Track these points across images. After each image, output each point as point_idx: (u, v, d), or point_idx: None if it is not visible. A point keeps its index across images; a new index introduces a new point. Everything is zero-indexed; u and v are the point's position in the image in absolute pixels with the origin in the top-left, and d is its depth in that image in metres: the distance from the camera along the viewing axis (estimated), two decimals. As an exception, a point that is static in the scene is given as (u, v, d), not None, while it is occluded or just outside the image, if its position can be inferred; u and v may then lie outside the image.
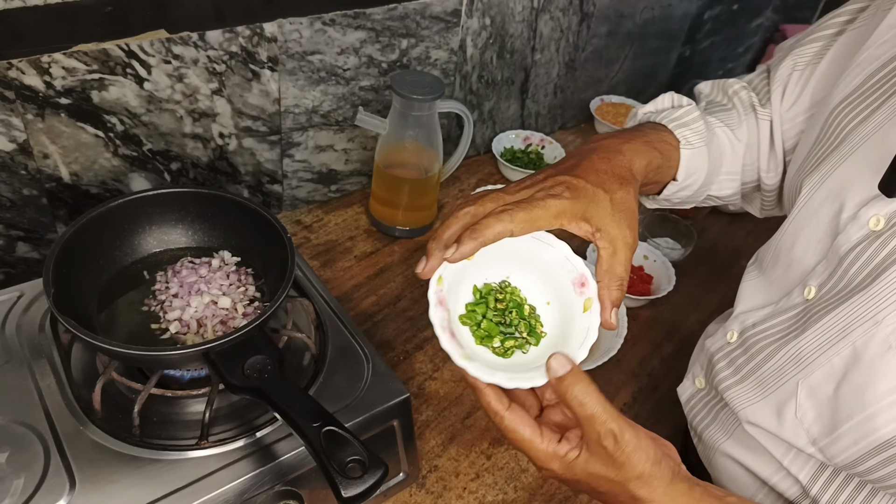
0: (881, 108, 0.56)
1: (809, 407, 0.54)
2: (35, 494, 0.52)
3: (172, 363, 0.60)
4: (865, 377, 0.50)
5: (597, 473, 0.46)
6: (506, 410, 0.47)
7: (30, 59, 0.66)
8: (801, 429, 0.55)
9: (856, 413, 0.51)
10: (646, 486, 0.46)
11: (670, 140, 0.65)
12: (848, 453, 0.52)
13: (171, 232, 0.72)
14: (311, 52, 0.86)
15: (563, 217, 0.51)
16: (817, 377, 0.54)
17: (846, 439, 0.52)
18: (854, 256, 0.53)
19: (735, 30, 1.49)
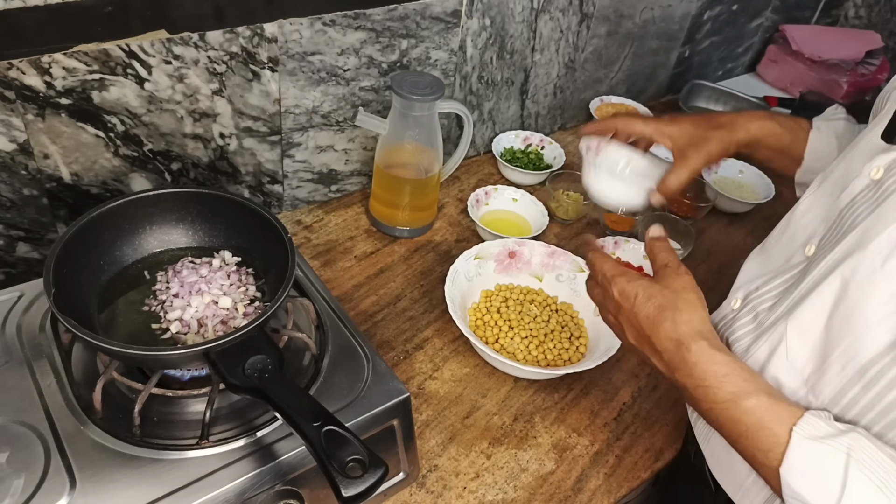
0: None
1: (801, 347, 0.56)
2: (35, 494, 0.52)
3: (173, 363, 0.61)
4: (853, 302, 0.51)
5: (658, 286, 0.58)
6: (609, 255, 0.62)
7: (30, 60, 0.67)
8: (795, 370, 0.56)
9: (844, 338, 0.52)
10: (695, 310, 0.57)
11: (803, 123, 0.77)
12: (834, 384, 0.53)
13: (172, 232, 0.72)
14: (311, 53, 0.86)
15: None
16: (807, 315, 0.55)
17: (834, 367, 0.53)
18: (853, 206, 0.55)
19: (735, 30, 1.49)
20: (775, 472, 0.49)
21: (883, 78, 1.54)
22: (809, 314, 0.55)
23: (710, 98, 1.43)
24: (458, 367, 0.83)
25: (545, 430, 0.77)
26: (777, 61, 1.59)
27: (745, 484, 0.61)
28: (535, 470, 0.73)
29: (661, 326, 0.55)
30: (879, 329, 0.50)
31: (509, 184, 1.12)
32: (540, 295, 0.90)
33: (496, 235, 0.96)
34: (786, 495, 0.49)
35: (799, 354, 0.56)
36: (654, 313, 0.56)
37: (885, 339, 0.49)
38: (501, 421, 0.78)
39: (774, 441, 0.49)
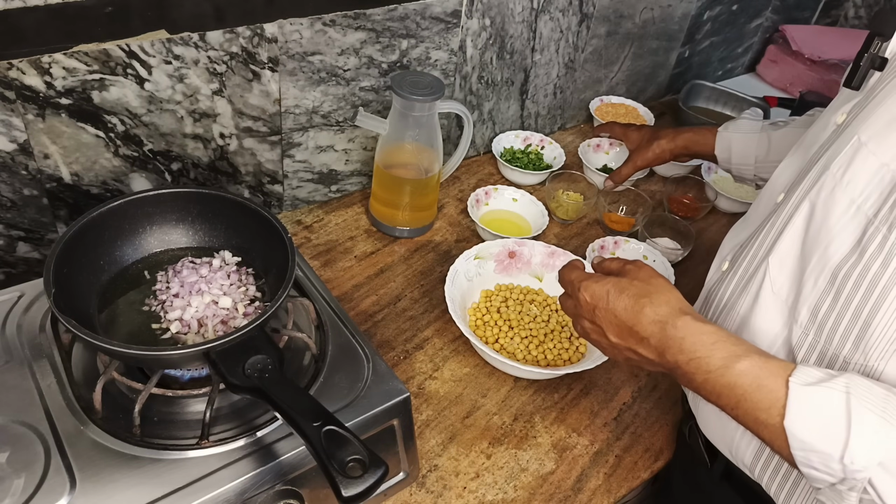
0: None
1: (783, 277, 0.57)
2: (35, 494, 0.52)
3: (173, 363, 0.61)
4: (820, 220, 0.53)
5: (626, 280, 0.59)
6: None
7: (30, 60, 0.67)
8: (780, 301, 0.57)
9: (814, 253, 0.53)
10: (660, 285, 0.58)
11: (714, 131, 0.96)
12: (809, 300, 0.54)
13: (172, 232, 0.72)
14: (311, 53, 0.86)
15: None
16: (784, 244, 0.57)
17: (808, 284, 0.54)
18: (819, 151, 0.57)
19: (734, 30, 1.49)
20: (779, 429, 0.48)
21: (883, 78, 1.54)
22: (787, 243, 0.57)
23: (709, 98, 1.43)
24: (458, 367, 0.83)
25: (545, 430, 0.77)
26: (777, 61, 1.59)
27: (736, 438, 0.62)
28: (534, 470, 0.73)
29: (643, 312, 0.56)
30: (842, 236, 0.51)
31: (509, 184, 1.12)
32: (540, 295, 0.90)
33: (496, 235, 0.96)
34: (794, 448, 0.48)
35: (782, 285, 0.57)
36: (631, 303, 0.57)
37: (848, 243, 0.51)
38: (501, 421, 0.78)
39: (773, 397, 0.49)
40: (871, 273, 0.49)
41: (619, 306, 0.57)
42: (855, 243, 0.50)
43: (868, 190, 0.50)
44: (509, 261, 0.91)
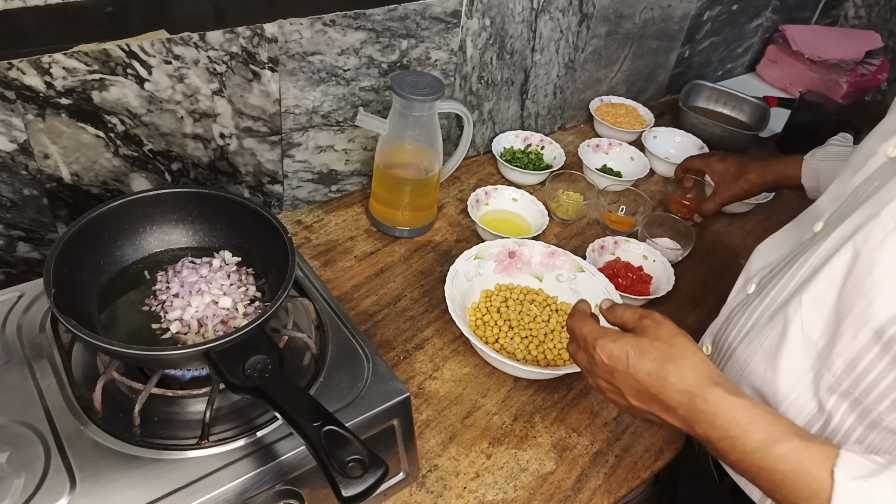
0: None
1: (816, 318, 0.55)
2: (35, 494, 0.52)
3: (173, 363, 0.61)
4: (864, 269, 0.51)
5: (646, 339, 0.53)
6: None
7: (30, 60, 0.67)
8: (810, 344, 0.55)
9: (856, 305, 0.51)
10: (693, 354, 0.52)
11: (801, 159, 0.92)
12: (847, 353, 0.52)
13: (172, 232, 0.72)
14: (311, 53, 0.86)
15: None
16: (820, 285, 0.54)
17: (846, 336, 0.52)
18: (868, 183, 0.55)
19: (734, 30, 1.49)
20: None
21: (883, 78, 1.54)
22: (823, 285, 0.54)
23: (709, 98, 1.43)
24: (458, 367, 0.83)
25: (545, 430, 0.77)
26: (777, 61, 1.59)
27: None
28: (535, 470, 0.73)
29: (668, 381, 0.51)
30: (891, 294, 0.49)
31: (509, 184, 1.12)
32: (540, 295, 0.90)
33: (496, 235, 0.96)
34: None
35: (814, 327, 0.55)
36: (654, 368, 0.52)
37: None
38: (501, 421, 0.78)
39: (817, 487, 0.46)
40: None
41: (642, 371, 0.52)
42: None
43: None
44: (509, 261, 0.91)
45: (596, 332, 0.56)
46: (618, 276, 0.94)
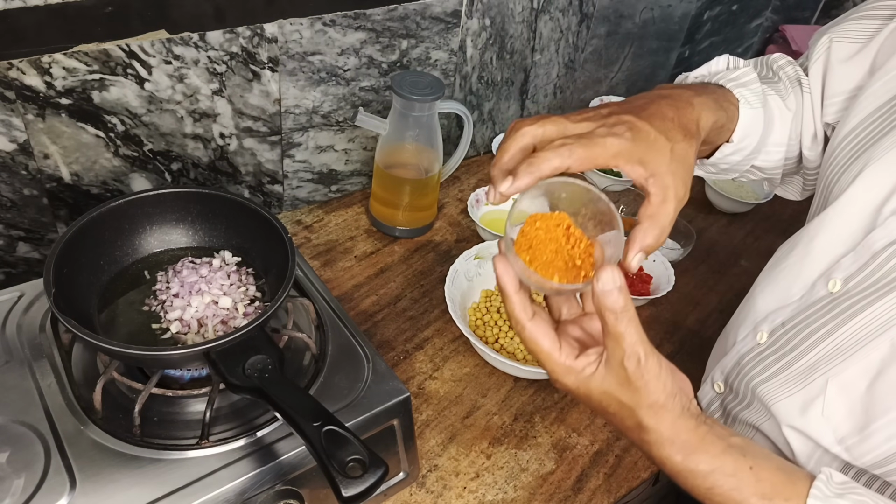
0: None
1: (840, 404, 0.53)
2: (35, 494, 0.52)
3: (173, 363, 0.61)
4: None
5: (610, 392, 0.46)
6: (528, 320, 0.47)
7: (30, 60, 0.67)
8: (828, 427, 0.54)
9: (893, 407, 0.50)
10: (655, 416, 0.46)
11: (732, 100, 0.62)
12: (878, 451, 0.51)
13: (172, 232, 0.72)
14: (311, 53, 0.86)
15: (620, 158, 0.48)
16: (851, 373, 0.52)
17: (878, 436, 0.51)
18: (892, 252, 0.52)
19: (735, 30, 1.49)
20: None
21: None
22: (853, 373, 0.53)
23: (709, 98, 1.43)
24: (458, 367, 0.83)
25: (545, 430, 0.77)
26: (777, 61, 1.59)
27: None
28: (535, 470, 0.73)
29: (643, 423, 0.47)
30: None
31: (509, 184, 1.12)
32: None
33: (496, 235, 0.96)
34: None
35: (835, 412, 0.54)
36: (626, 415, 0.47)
37: None
38: (501, 421, 0.78)
39: None
40: None
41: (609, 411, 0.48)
42: None
43: None
44: (509, 261, 0.91)
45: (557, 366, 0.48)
46: (618, 276, 0.94)
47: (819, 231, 0.59)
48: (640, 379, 0.45)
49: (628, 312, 0.43)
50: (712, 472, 0.46)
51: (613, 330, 0.44)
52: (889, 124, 0.56)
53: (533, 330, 0.47)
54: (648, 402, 0.45)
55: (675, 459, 0.46)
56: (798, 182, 0.76)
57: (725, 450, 0.46)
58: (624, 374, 0.45)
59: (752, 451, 0.47)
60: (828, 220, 0.58)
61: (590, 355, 0.47)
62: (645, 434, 0.47)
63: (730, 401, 0.68)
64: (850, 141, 0.60)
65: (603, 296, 0.43)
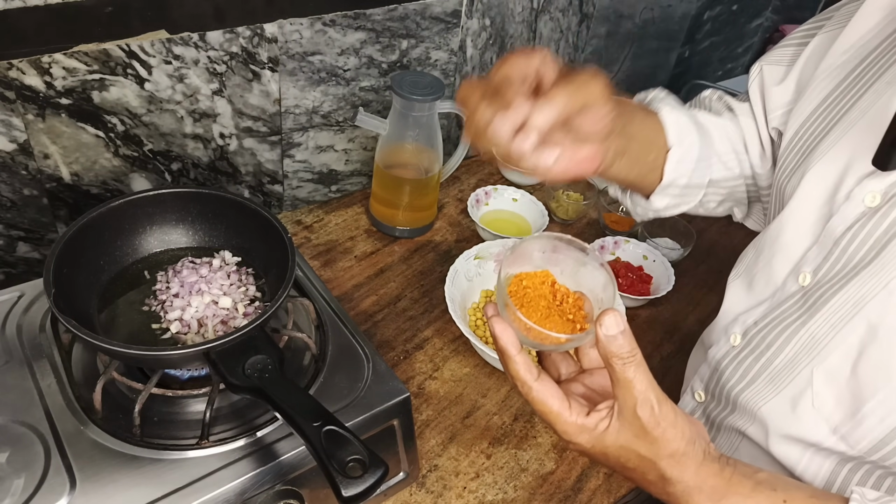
0: (863, 97, 0.57)
1: (829, 393, 0.53)
2: (35, 494, 0.52)
3: (173, 363, 0.61)
4: (886, 349, 0.49)
5: (627, 446, 0.44)
6: (535, 381, 0.46)
7: (30, 60, 0.67)
8: (821, 419, 0.54)
9: (880, 388, 0.50)
10: (678, 466, 0.44)
11: (650, 111, 0.65)
12: (873, 434, 0.51)
13: (172, 232, 0.72)
14: (311, 53, 0.86)
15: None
16: (834, 359, 0.53)
17: (871, 419, 0.51)
18: (852, 235, 0.53)
19: (735, 30, 1.49)
20: None
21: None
22: (835, 360, 0.53)
23: (709, 98, 1.43)
24: (458, 367, 0.83)
25: (545, 430, 0.77)
26: (777, 61, 1.59)
27: None
28: (535, 470, 0.73)
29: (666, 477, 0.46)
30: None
31: (509, 184, 1.12)
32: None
33: (496, 235, 0.96)
34: None
35: (826, 402, 0.54)
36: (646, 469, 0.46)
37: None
38: (501, 421, 0.78)
39: None
40: None
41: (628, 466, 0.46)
42: None
43: None
44: (509, 261, 0.91)
45: (568, 426, 0.46)
46: (618, 276, 0.94)
47: (781, 231, 0.60)
48: (656, 427, 0.43)
49: (635, 357, 0.42)
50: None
51: (622, 377, 0.42)
52: (828, 124, 0.59)
53: (541, 390, 0.46)
54: (669, 452, 0.44)
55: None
56: (761, 210, 0.78)
57: (755, 488, 0.45)
58: (639, 423, 0.43)
59: (782, 485, 0.46)
60: (787, 219, 0.60)
61: (601, 410, 0.45)
62: (670, 486, 0.45)
63: (713, 409, 0.67)
64: (794, 146, 0.62)
65: (608, 342, 0.42)
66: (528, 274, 0.48)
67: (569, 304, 0.47)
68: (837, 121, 0.59)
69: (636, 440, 0.44)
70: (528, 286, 0.47)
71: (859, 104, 0.57)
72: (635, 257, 0.99)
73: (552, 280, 0.48)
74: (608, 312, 0.42)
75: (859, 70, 0.59)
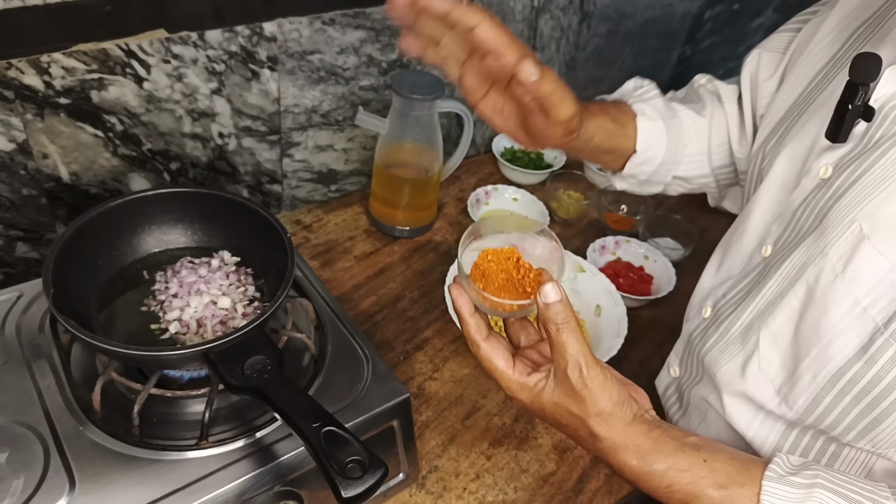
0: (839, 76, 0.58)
1: (774, 355, 0.55)
2: (35, 494, 0.52)
3: (172, 363, 0.60)
4: (819, 310, 0.51)
5: (560, 404, 0.49)
6: (483, 341, 0.51)
7: (29, 59, 0.66)
8: (766, 380, 0.56)
9: (813, 346, 0.52)
10: (604, 424, 0.49)
11: (626, 111, 0.72)
12: (807, 393, 0.53)
13: (171, 232, 0.72)
14: (310, 52, 0.86)
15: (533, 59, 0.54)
16: (778, 323, 0.55)
17: (805, 377, 0.53)
18: (804, 206, 0.55)
19: (736, 29, 1.49)
20: None
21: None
22: (780, 322, 0.55)
23: (710, 97, 1.43)
24: (458, 368, 0.83)
25: (545, 431, 0.77)
26: (778, 60, 1.59)
27: None
28: (535, 471, 0.73)
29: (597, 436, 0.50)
30: (846, 336, 0.50)
31: (509, 183, 1.12)
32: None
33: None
34: None
35: (771, 363, 0.56)
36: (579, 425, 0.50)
37: (853, 346, 0.49)
38: (502, 422, 0.77)
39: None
40: (884, 382, 0.48)
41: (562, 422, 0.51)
42: (860, 347, 0.49)
43: (875, 293, 0.48)
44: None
45: (511, 383, 0.51)
46: (619, 276, 0.94)
47: (752, 209, 0.63)
48: (584, 388, 0.48)
49: (569, 325, 0.47)
50: (668, 469, 0.49)
51: (557, 341, 0.48)
52: (805, 106, 0.62)
53: (487, 349, 0.51)
54: (596, 411, 0.48)
55: (631, 464, 0.49)
56: (739, 193, 0.80)
57: (679, 448, 0.49)
58: (569, 384, 0.48)
59: (707, 447, 0.50)
60: (759, 197, 0.62)
61: (541, 372, 0.51)
62: (599, 442, 0.50)
63: (685, 382, 0.69)
64: (775, 131, 0.65)
65: (545, 308, 0.48)
66: (495, 250, 0.53)
67: (530, 278, 0.52)
68: (813, 101, 0.61)
69: (567, 399, 0.49)
70: (492, 260, 0.52)
71: (834, 83, 0.59)
72: (636, 257, 0.99)
73: (517, 257, 0.53)
74: (548, 283, 0.48)
75: (840, 52, 0.61)
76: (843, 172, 0.52)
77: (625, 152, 0.72)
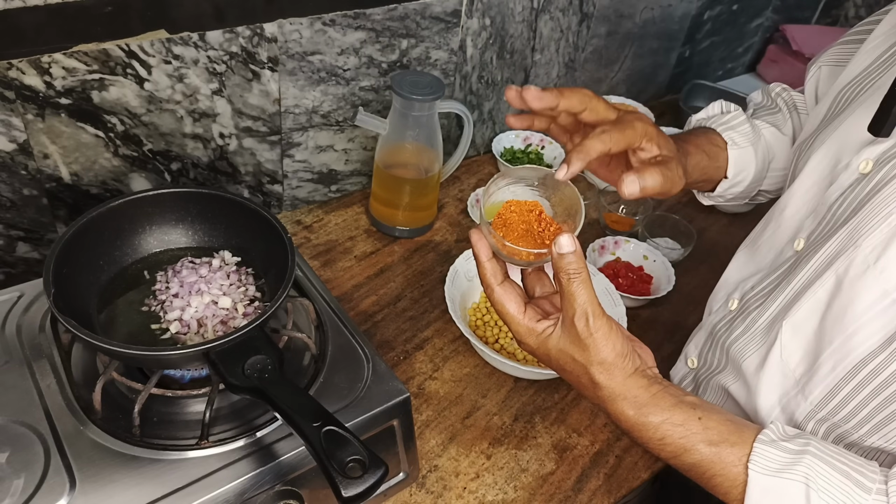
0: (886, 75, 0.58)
1: (796, 346, 0.56)
2: (35, 494, 0.52)
3: (173, 363, 0.60)
4: (846, 300, 0.51)
5: (565, 350, 0.51)
6: (498, 285, 0.53)
7: (30, 60, 0.67)
8: (788, 369, 0.56)
9: (836, 337, 0.52)
10: (605, 373, 0.50)
11: (718, 142, 0.73)
12: (825, 383, 0.53)
13: (172, 232, 0.72)
14: (311, 53, 0.86)
15: (646, 136, 0.57)
16: (802, 313, 0.55)
17: (825, 366, 0.53)
18: (841, 200, 0.55)
19: (735, 30, 1.49)
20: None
21: (883, 78, 1.54)
22: (805, 313, 0.55)
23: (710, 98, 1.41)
24: (458, 368, 0.83)
25: (545, 431, 0.77)
26: (777, 61, 1.59)
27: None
28: (535, 470, 0.73)
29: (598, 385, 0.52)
30: (871, 327, 0.50)
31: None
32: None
33: (496, 235, 0.96)
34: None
35: (793, 354, 0.56)
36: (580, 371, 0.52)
37: (877, 337, 0.49)
38: (501, 421, 0.78)
39: (731, 484, 0.49)
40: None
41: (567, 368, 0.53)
42: (886, 339, 0.49)
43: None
44: (509, 261, 0.91)
45: (520, 328, 0.53)
46: (618, 276, 0.94)
47: (788, 203, 0.63)
48: (589, 337, 0.49)
49: (581, 275, 0.49)
50: (662, 422, 0.50)
51: (567, 290, 0.49)
52: (843, 107, 0.62)
53: (501, 293, 0.53)
54: (598, 360, 0.50)
55: (628, 413, 0.51)
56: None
57: (676, 404, 0.51)
58: (575, 331, 0.50)
59: (704, 406, 0.51)
60: (794, 191, 0.62)
61: (550, 319, 0.52)
62: (598, 390, 0.51)
63: (703, 373, 0.69)
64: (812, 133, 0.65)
65: (559, 259, 0.49)
66: (518, 202, 0.54)
67: (550, 232, 0.53)
68: (854, 98, 0.61)
69: (572, 346, 0.50)
70: (514, 211, 0.54)
71: (883, 79, 0.59)
72: (636, 257, 0.99)
73: (540, 209, 0.54)
74: (564, 234, 0.49)
75: (891, 51, 0.60)
76: (884, 167, 0.52)
77: (716, 179, 0.75)
